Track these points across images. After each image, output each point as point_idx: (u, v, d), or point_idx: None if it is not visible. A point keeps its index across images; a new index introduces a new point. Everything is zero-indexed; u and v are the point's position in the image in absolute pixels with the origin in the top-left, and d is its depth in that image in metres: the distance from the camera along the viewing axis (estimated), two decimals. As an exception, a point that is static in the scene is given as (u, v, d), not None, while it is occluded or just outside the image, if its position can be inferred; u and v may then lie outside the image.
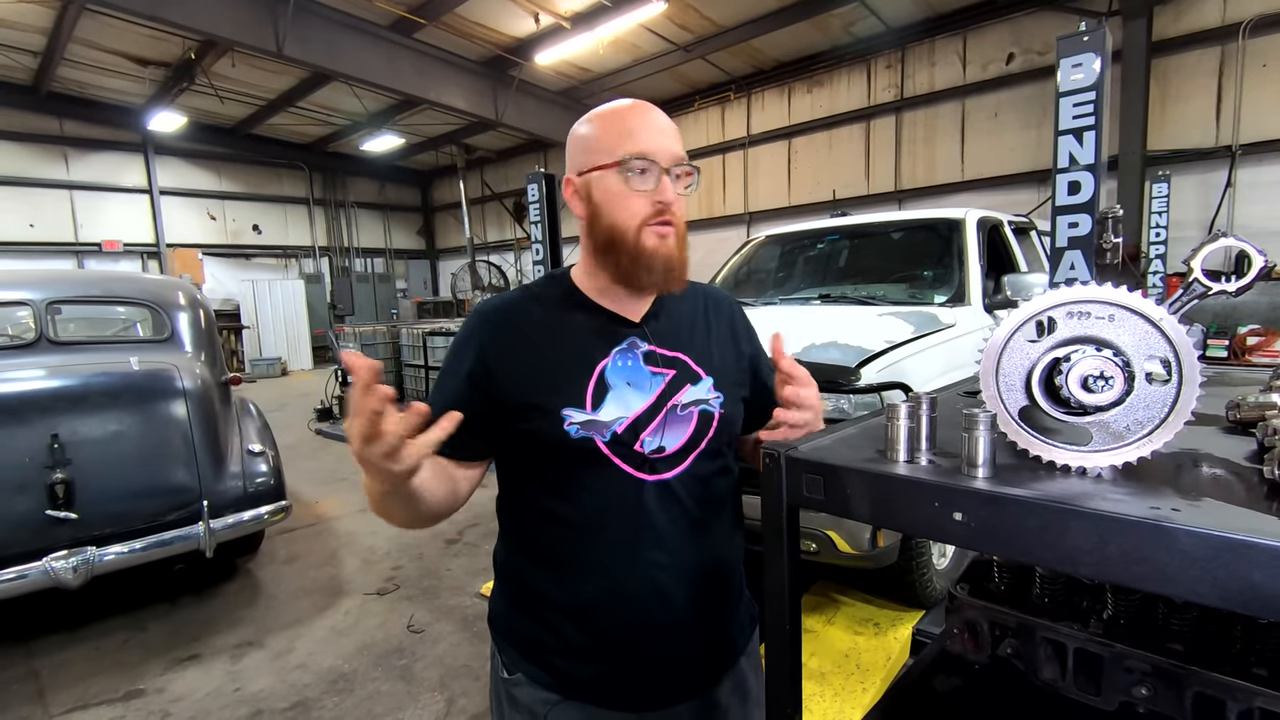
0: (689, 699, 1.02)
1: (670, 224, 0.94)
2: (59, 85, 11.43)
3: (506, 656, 1.02)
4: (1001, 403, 0.63)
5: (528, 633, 1.00)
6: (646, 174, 0.92)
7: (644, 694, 0.98)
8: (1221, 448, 0.68)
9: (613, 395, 0.95)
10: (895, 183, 9.75)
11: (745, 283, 4.24)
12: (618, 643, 0.96)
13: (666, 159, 0.92)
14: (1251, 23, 6.78)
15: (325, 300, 15.84)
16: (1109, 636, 0.79)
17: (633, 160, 0.91)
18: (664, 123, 0.95)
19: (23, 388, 2.87)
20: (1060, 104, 2.77)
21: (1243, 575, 0.43)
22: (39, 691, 2.65)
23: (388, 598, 3.38)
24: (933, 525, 0.60)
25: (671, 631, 0.98)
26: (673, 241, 0.95)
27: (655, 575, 0.95)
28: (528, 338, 0.96)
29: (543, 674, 0.98)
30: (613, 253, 0.95)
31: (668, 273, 0.95)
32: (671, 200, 0.92)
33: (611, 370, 0.96)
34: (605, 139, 0.94)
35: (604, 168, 0.93)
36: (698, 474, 0.99)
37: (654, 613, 0.96)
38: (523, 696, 0.99)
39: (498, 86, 10.78)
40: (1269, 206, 6.86)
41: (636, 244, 0.93)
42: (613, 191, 0.93)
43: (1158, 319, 0.57)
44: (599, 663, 0.97)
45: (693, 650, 1.00)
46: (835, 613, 2.92)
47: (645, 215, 0.92)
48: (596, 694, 0.98)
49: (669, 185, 0.92)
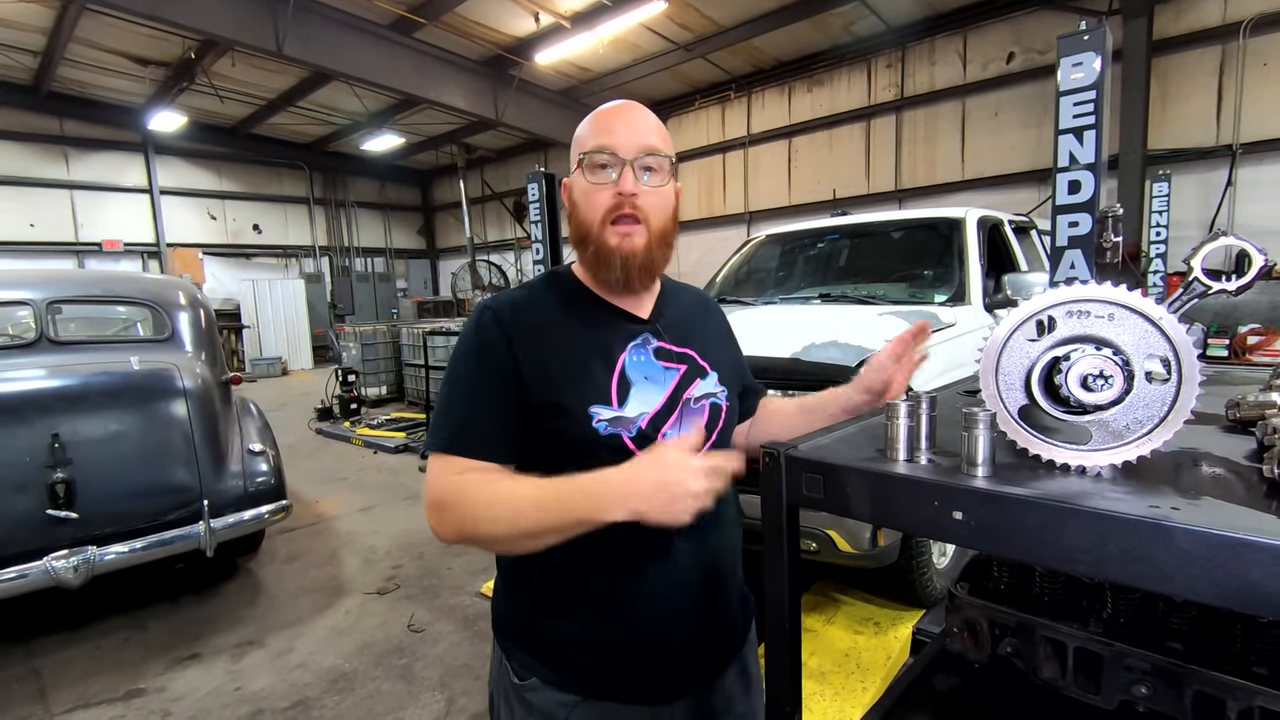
0: (704, 688, 1.03)
1: (635, 219, 0.92)
2: (59, 85, 11.42)
3: (518, 662, 1.00)
4: (1001, 402, 0.63)
5: (545, 631, 0.98)
6: (607, 168, 0.92)
7: (663, 686, 0.99)
8: (1221, 446, 0.68)
9: (635, 391, 0.95)
10: (896, 182, 9.75)
11: (745, 282, 4.24)
12: (641, 634, 0.97)
13: (630, 150, 0.91)
14: (1252, 21, 6.77)
15: (325, 300, 15.84)
16: (1109, 635, 0.79)
17: (593, 154, 0.91)
18: (637, 118, 0.94)
19: (23, 387, 2.87)
20: (1060, 103, 2.77)
21: (1240, 574, 0.43)
22: (40, 690, 2.65)
23: (388, 597, 3.38)
24: (932, 524, 0.60)
25: (689, 621, 0.99)
26: (639, 240, 0.93)
27: (677, 565, 0.97)
28: (544, 335, 0.94)
29: (560, 675, 0.97)
30: (583, 250, 0.96)
31: (627, 270, 0.94)
32: (631, 191, 0.91)
33: (630, 365, 0.96)
34: (580, 138, 0.95)
35: (579, 166, 0.95)
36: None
37: (675, 603, 0.97)
38: (538, 701, 0.97)
39: (498, 86, 10.78)
40: (1270, 205, 6.85)
41: (599, 240, 0.93)
42: (581, 188, 0.94)
43: (1157, 318, 0.57)
44: (622, 656, 0.97)
45: (707, 639, 1.02)
46: (835, 612, 2.92)
47: (607, 209, 0.92)
48: (620, 689, 0.97)
49: (629, 176, 0.91)
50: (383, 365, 9.37)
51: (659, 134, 0.95)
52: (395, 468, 5.93)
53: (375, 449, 6.61)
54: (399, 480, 5.51)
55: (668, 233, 0.97)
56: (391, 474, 5.73)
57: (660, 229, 0.96)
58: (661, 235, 0.96)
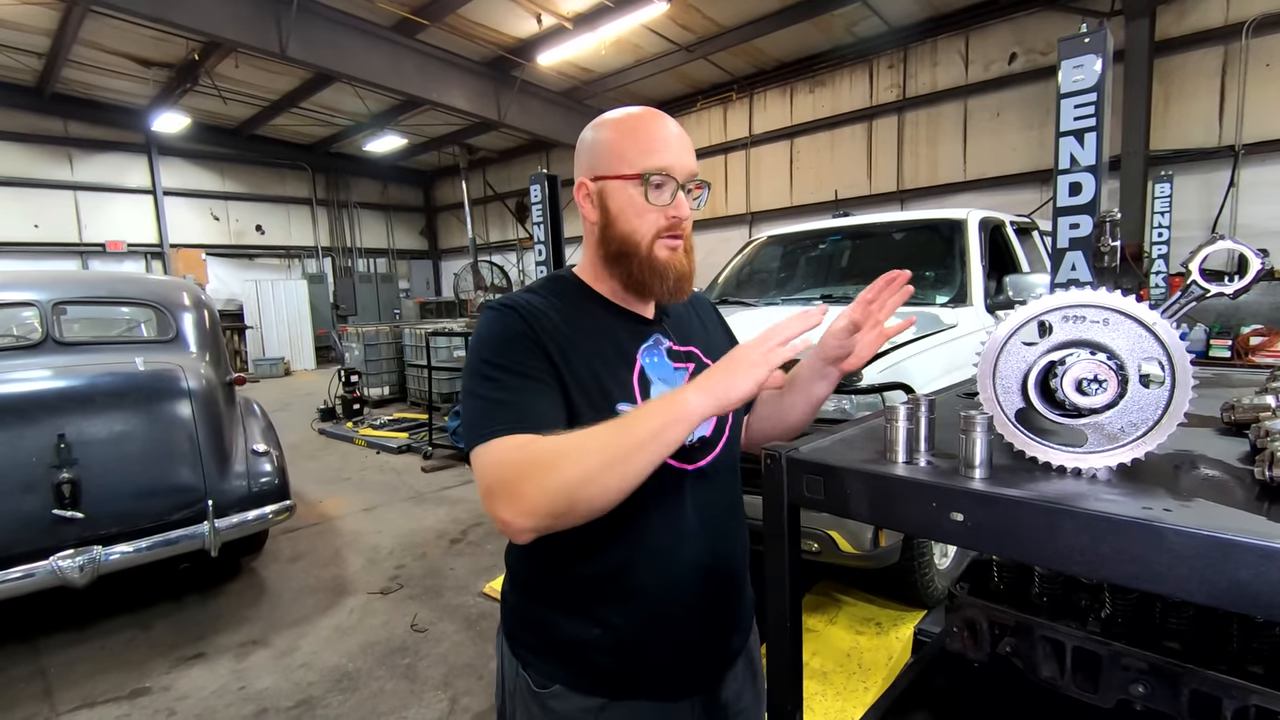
0: (718, 681, 1.05)
1: (680, 236, 0.97)
2: (63, 86, 11.46)
3: (536, 670, 0.99)
4: (999, 405, 0.64)
5: (567, 635, 0.97)
6: (663, 188, 0.94)
7: (686, 681, 1.00)
8: (1215, 449, 0.69)
9: (653, 390, 0.97)
10: (897, 183, 9.74)
11: (747, 283, 4.25)
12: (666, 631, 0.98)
13: (683, 174, 0.94)
14: (1255, 22, 6.76)
15: (328, 300, 15.86)
16: (1107, 635, 0.80)
17: (654, 175, 0.93)
18: (682, 136, 0.97)
19: (29, 388, 2.89)
20: (1061, 105, 2.78)
21: (1229, 574, 0.44)
22: (46, 689, 2.67)
23: (391, 597, 3.39)
24: (931, 525, 0.61)
25: (709, 614, 1.01)
26: (682, 253, 0.98)
27: (698, 560, 0.99)
28: (565, 334, 0.94)
29: (586, 679, 0.97)
30: (624, 262, 0.97)
31: (679, 282, 0.98)
32: (686, 215, 0.95)
33: (648, 366, 0.99)
34: (626, 149, 0.94)
35: (624, 178, 0.94)
36: (725, 458, 1.05)
37: (697, 598, 0.99)
38: (562, 708, 0.97)
39: (500, 87, 10.79)
40: (1272, 206, 6.84)
41: (650, 255, 0.95)
42: (631, 202, 0.94)
43: (1151, 323, 0.58)
44: (650, 654, 0.98)
45: (724, 632, 1.05)
46: (837, 612, 2.93)
47: (659, 228, 0.95)
48: (646, 688, 0.98)
49: (684, 201, 0.95)
50: (385, 366, 9.38)
51: (693, 150, 0.99)
52: (398, 468, 5.95)
53: (378, 449, 6.63)
54: (402, 480, 5.53)
55: (693, 245, 1.02)
56: (394, 474, 5.74)
57: (691, 244, 1.01)
58: (691, 249, 1.01)
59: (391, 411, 8.59)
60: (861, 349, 1.01)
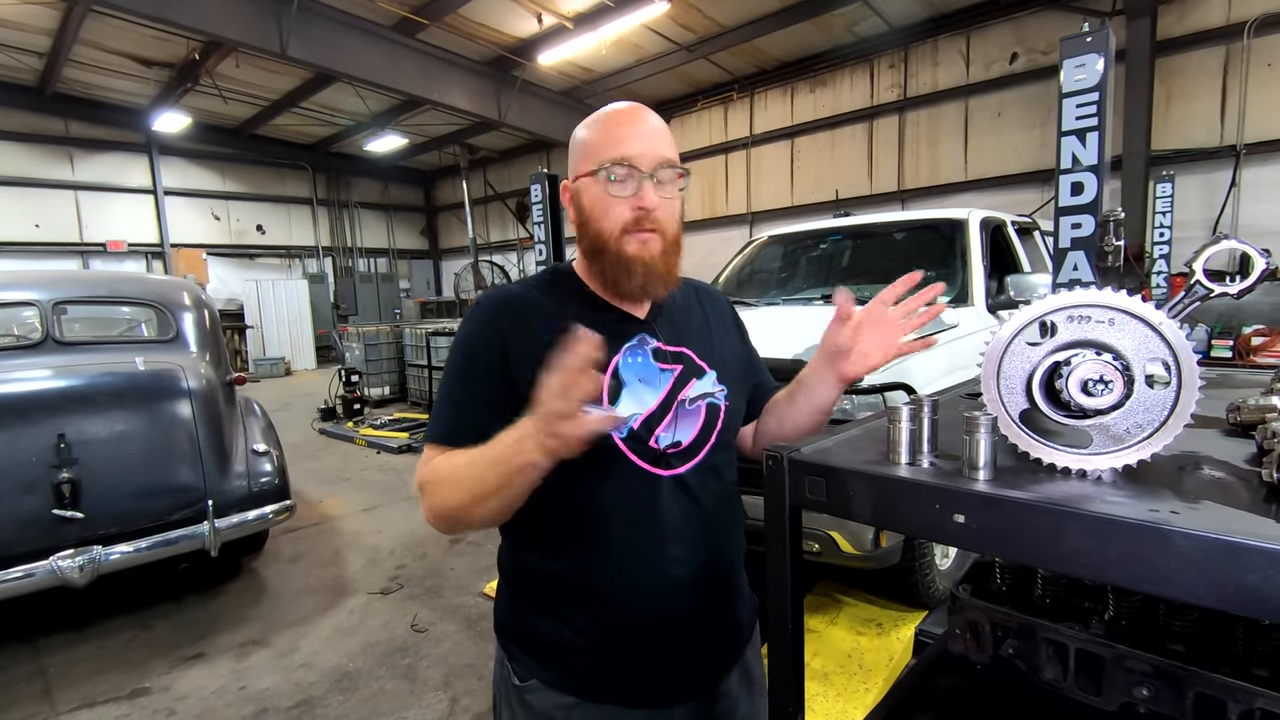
0: (704, 692, 1.03)
1: (653, 230, 0.93)
2: (64, 86, 11.47)
3: (518, 664, 1.00)
4: (1002, 405, 0.63)
5: (544, 634, 0.98)
6: (626, 180, 0.91)
7: (663, 689, 0.99)
8: (1222, 450, 0.68)
9: (627, 391, 0.95)
10: (898, 183, 9.74)
11: (748, 283, 4.24)
12: (638, 638, 0.96)
13: (648, 163, 0.92)
14: (1256, 22, 6.75)
15: (329, 300, 15.88)
16: (1110, 637, 0.80)
17: (612, 166, 0.91)
18: (650, 126, 0.94)
19: (29, 388, 2.89)
20: (1063, 105, 2.77)
21: (1237, 577, 0.44)
22: (45, 689, 2.66)
23: (391, 597, 3.39)
24: (934, 527, 0.61)
25: (688, 624, 0.99)
26: (656, 247, 0.94)
27: (672, 568, 0.96)
28: (537, 330, 0.93)
29: (560, 678, 0.97)
30: (599, 259, 0.96)
31: (648, 278, 0.94)
32: (651, 205, 0.92)
33: (624, 367, 0.96)
34: (591, 145, 0.94)
35: (590, 174, 0.93)
36: (709, 466, 1.00)
37: (672, 607, 0.97)
38: (537, 703, 0.98)
39: (501, 87, 10.79)
40: (1273, 206, 6.83)
41: (618, 250, 0.93)
42: (599, 198, 0.93)
43: (1157, 323, 0.57)
44: (619, 659, 0.97)
45: (707, 642, 1.02)
46: (838, 613, 2.92)
47: (626, 221, 0.92)
48: (616, 693, 0.97)
49: (650, 190, 0.91)
50: (386, 365, 9.38)
51: (670, 142, 0.95)
52: (398, 468, 5.94)
53: (378, 449, 6.63)
54: (402, 480, 5.53)
55: (678, 239, 0.98)
56: (395, 474, 5.74)
57: (673, 236, 0.96)
58: (674, 242, 0.97)
59: (392, 411, 8.59)
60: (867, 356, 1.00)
